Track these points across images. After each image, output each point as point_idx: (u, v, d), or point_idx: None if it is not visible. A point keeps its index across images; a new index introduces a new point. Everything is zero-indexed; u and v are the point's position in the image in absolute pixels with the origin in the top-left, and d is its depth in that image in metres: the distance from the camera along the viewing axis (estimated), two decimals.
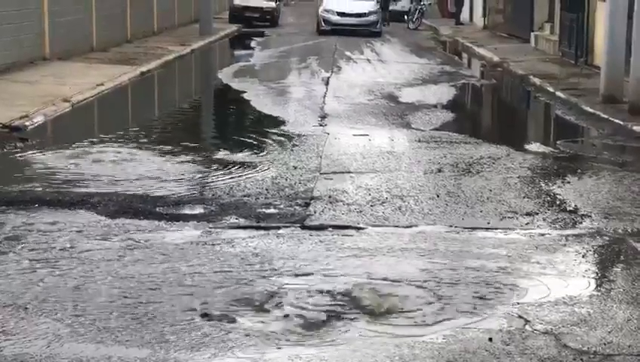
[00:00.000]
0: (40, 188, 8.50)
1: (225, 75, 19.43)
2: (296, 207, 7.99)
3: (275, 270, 6.26)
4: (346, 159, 10.22)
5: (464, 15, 37.16)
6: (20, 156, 10.12)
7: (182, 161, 9.92)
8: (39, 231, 7.08)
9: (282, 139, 11.53)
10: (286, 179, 9.05)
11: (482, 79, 21.09)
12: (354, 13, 31.51)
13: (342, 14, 31.47)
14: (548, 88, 16.79)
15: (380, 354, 4.90)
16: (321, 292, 5.83)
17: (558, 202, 8.43)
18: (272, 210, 7.88)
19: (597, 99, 14.51)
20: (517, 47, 25.33)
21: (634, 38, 13.31)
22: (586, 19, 20.06)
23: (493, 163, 10.15)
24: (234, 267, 6.30)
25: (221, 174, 9.31)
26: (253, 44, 28.08)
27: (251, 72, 19.72)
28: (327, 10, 31.94)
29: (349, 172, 9.52)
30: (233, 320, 5.33)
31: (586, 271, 6.50)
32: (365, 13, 31.64)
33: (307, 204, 8.08)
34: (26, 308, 5.44)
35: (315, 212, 7.85)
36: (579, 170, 9.94)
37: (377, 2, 32.89)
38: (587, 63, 19.69)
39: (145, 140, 11.27)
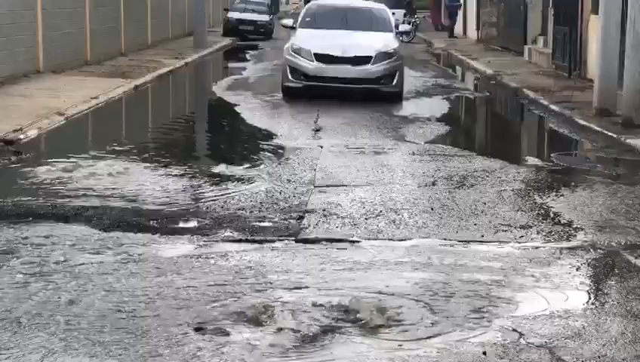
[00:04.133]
0: (34, 202, 8.49)
1: (219, 89, 19.46)
2: (291, 221, 7.98)
3: (269, 283, 6.25)
4: (340, 172, 10.22)
5: (458, 28, 37.29)
6: (14, 169, 10.11)
7: (176, 175, 9.92)
8: (33, 244, 7.07)
9: (276, 152, 11.53)
10: (280, 193, 9.05)
11: (476, 92, 21.14)
12: (349, 58, 16.77)
13: (326, 59, 16.79)
14: (541, 101, 16.83)
15: None
16: (315, 305, 5.82)
17: (552, 215, 8.44)
18: (266, 224, 7.88)
19: (590, 112, 14.55)
20: (510, 60, 25.41)
21: (627, 51, 13.35)
22: (579, 32, 20.13)
23: (487, 176, 10.17)
24: (228, 280, 6.29)
25: (215, 188, 9.30)
26: (247, 57, 28.12)
27: (245, 86, 19.73)
28: (296, 52, 17.07)
29: (343, 185, 9.52)
30: (227, 334, 5.32)
31: (580, 284, 6.51)
32: (370, 58, 16.79)
33: (301, 218, 8.08)
34: (20, 322, 5.42)
35: (309, 225, 7.85)
36: (573, 183, 9.96)
37: (396, 35, 18.44)
38: (580, 76, 19.75)
39: (139, 154, 11.26)
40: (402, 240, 7.48)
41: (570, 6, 20.73)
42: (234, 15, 36.66)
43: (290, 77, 17.00)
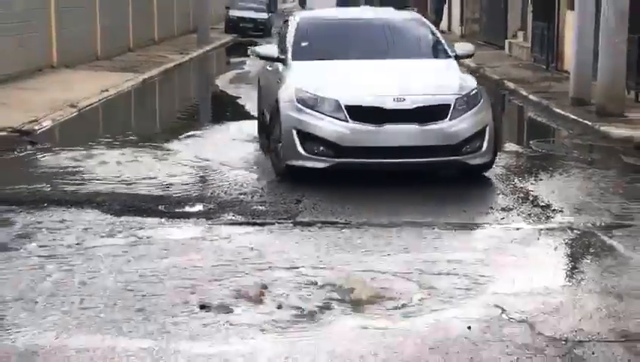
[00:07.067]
0: (48, 189, 8.46)
1: (221, 82, 19.40)
2: (289, 204, 7.96)
3: (269, 263, 6.23)
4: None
5: (443, 24, 37.18)
6: (30, 158, 10.07)
7: (182, 162, 9.88)
8: (48, 229, 7.05)
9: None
10: (279, 179, 9.01)
11: None
12: (410, 111, 8.34)
13: (369, 115, 8.32)
14: (521, 92, 16.79)
15: (365, 342, 4.88)
16: (311, 284, 5.80)
17: (531, 198, 8.41)
18: (266, 208, 7.85)
19: (567, 102, 14.51)
20: (492, 54, 25.33)
21: (600, 44, 13.31)
22: (556, 27, 20.09)
23: None
24: (231, 261, 6.27)
25: (219, 174, 9.27)
26: (247, 52, 28.00)
27: (246, 79, 19.65)
28: (308, 104, 8.48)
29: (338, 170, 9.44)
30: (230, 311, 5.31)
31: (558, 263, 6.50)
32: (447, 108, 8.47)
33: (299, 201, 8.05)
34: (36, 302, 5.40)
35: (305, 208, 7.82)
36: (550, 168, 9.93)
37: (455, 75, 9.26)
38: (557, 68, 19.71)
39: (147, 143, 11.22)
40: (391, 223, 7.45)
41: (548, 2, 20.67)
42: (234, 13, 36.58)
43: (300, 150, 8.59)
